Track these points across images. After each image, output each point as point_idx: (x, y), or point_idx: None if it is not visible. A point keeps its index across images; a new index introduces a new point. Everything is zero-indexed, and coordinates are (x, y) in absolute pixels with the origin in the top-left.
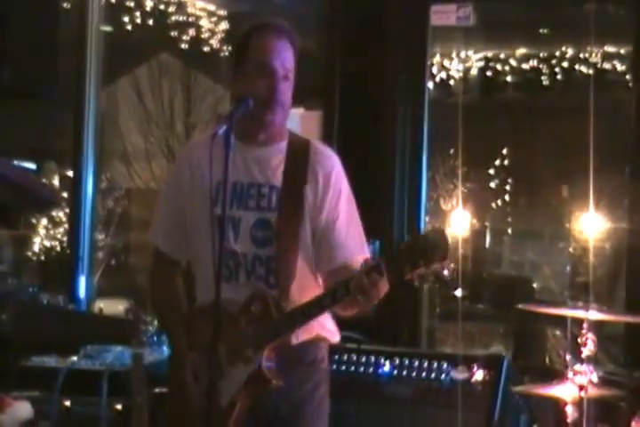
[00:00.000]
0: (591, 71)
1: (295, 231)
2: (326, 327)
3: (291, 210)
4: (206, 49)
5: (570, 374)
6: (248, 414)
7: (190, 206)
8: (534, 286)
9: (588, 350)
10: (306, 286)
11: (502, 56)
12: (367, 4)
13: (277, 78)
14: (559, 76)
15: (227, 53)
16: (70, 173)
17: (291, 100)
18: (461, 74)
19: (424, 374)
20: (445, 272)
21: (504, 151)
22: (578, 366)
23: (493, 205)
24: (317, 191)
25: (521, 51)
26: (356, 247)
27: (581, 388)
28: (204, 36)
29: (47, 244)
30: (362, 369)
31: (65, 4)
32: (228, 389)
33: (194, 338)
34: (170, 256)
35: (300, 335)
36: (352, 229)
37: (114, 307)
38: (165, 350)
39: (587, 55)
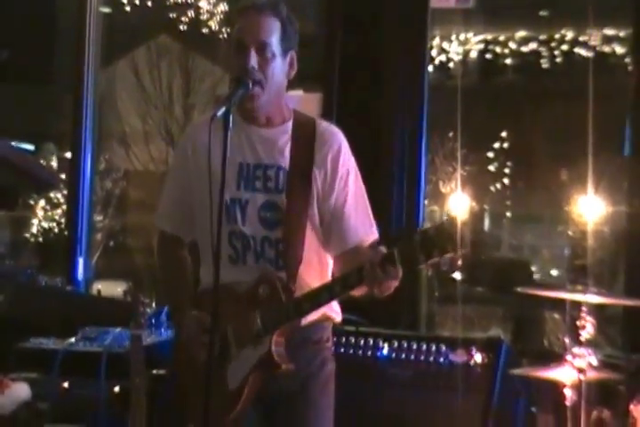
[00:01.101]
0: (591, 54)
1: (303, 213)
2: (332, 307)
3: (299, 192)
4: (205, 31)
5: (568, 358)
6: (255, 396)
7: (196, 189)
8: (533, 269)
9: (586, 334)
10: (314, 268)
11: (502, 39)
12: None
13: (247, 52)
14: (559, 59)
15: (225, 35)
16: (69, 155)
17: (279, 76)
18: (461, 56)
19: (423, 356)
20: (459, 262)
21: (503, 134)
22: (576, 350)
23: (492, 188)
24: (326, 173)
25: (520, 33)
26: (365, 228)
27: (580, 371)
28: (203, 17)
29: (45, 225)
30: (360, 352)
31: None
32: (237, 371)
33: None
34: (174, 235)
35: (309, 316)
36: (361, 210)
37: (112, 289)
38: (164, 332)
39: (586, 38)
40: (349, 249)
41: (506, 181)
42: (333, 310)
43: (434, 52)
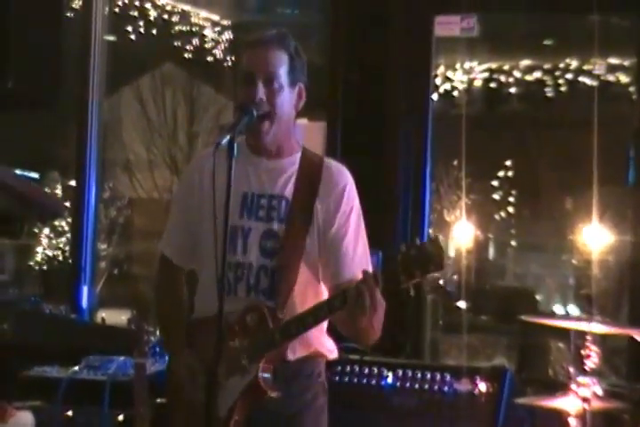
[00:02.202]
0: (595, 83)
1: (301, 243)
2: (324, 344)
3: (299, 222)
4: (210, 59)
5: (573, 387)
6: (246, 425)
7: (200, 216)
8: (537, 298)
9: (591, 363)
10: (308, 299)
11: (506, 67)
12: (371, 14)
13: (256, 84)
14: (563, 88)
15: (230, 63)
16: (73, 183)
17: (288, 108)
18: (465, 85)
19: (427, 385)
20: (442, 282)
21: (508, 163)
22: (581, 379)
23: (497, 216)
24: (329, 206)
25: (525, 62)
26: (361, 265)
27: (585, 400)
28: (208, 45)
29: (49, 253)
30: (365, 380)
31: (69, 14)
32: (225, 400)
33: (193, 350)
34: (175, 263)
35: (298, 351)
36: (359, 247)
37: (116, 317)
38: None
39: (590, 67)
40: (344, 282)
41: (510, 209)
42: (325, 347)
43: (438, 81)
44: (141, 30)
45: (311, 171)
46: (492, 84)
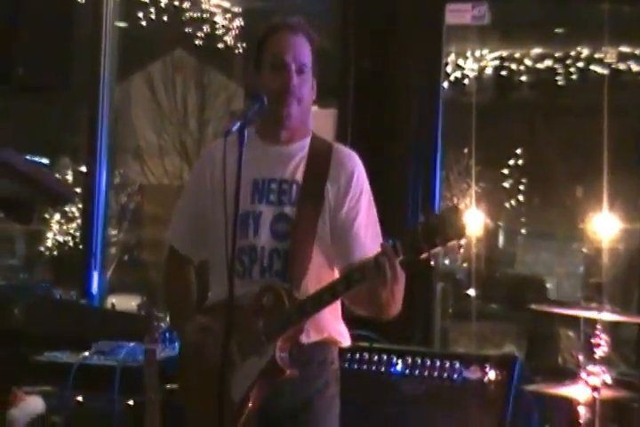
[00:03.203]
0: (606, 71)
1: (313, 226)
2: (338, 330)
3: (310, 205)
4: (220, 46)
5: (583, 375)
6: (259, 409)
7: (212, 204)
8: (547, 286)
9: (601, 351)
10: (319, 281)
11: (517, 55)
12: (382, 2)
13: (290, 71)
14: (574, 76)
15: (241, 50)
16: (84, 169)
17: (309, 97)
18: (476, 73)
19: (436, 373)
20: (461, 250)
21: (518, 151)
22: (591, 367)
23: (507, 204)
24: (339, 189)
25: (536, 50)
26: (373, 246)
27: (594, 389)
28: (219, 32)
29: (60, 239)
30: (374, 368)
31: (79, 0)
32: (241, 383)
33: (206, 334)
34: (183, 254)
35: (312, 335)
36: (371, 229)
37: (126, 303)
38: (177, 346)
39: (602, 55)
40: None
41: (520, 197)
42: (339, 333)
43: (449, 69)
44: (152, 17)
45: (321, 155)
46: (503, 72)
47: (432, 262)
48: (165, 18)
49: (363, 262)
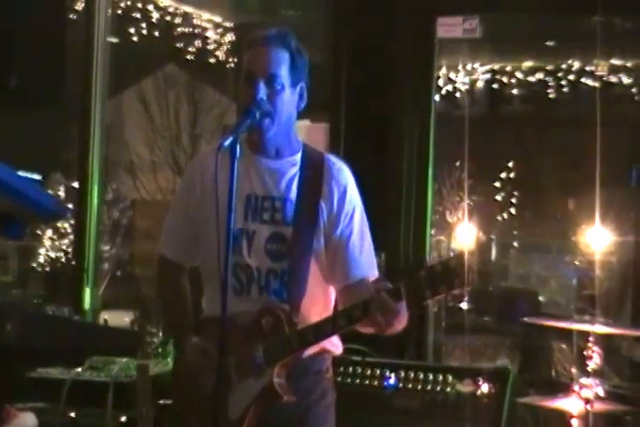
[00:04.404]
0: (597, 84)
1: (309, 246)
2: (331, 341)
3: (305, 224)
4: (212, 60)
5: (576, 388)
6: (258, 423)
7: (201, 218)
8: (540, 299)
9: (593, 364)
10: (318, 301)
11: (509, 69)
12: (373, 16)
13: (256, 84)
14: (565, 89)
15: (233, 65)
16: (76, 184)
17: (288, 108)
18: (468, 86)
19: (430, 386)
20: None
21: (510, 164)
22: (584, 380)
23: (499, 217)
24: (333, 206)
25: (527, 63)
26: (369, 263)
27: (587, 401)
28: (210, 47)
29: (52, 255)
30: (367, 382)
31: (72, 15)
32: (237, 402)
33: (202, 354)
34: (174, 261)
35: (308, 349)
36: (365, 246)
37: (119, 318)
38: (171, 361)
39: (593, 68)
40: (353, 283)
41: (513, 210)
42: (332, 343)
43: (441, 82)
44: (144, 32)
45: (313, 171)
46: (495, 86)
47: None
48: (157, 33)
49: (365, 300)
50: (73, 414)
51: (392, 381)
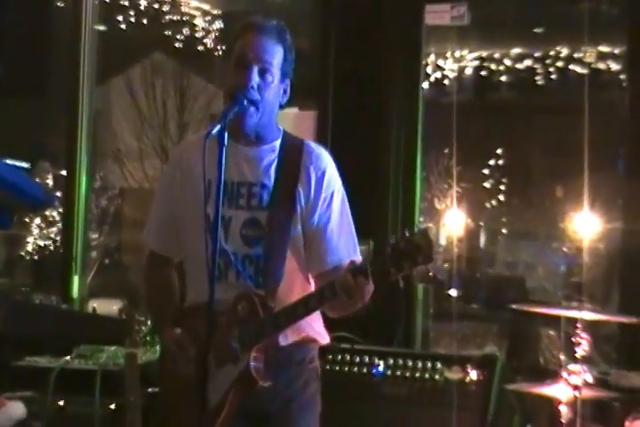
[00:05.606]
0: (586, 71)
1: (285, 231)
2: (315, 329)
3: (281, 209)
4: (200, 48)
5: (564, 374)
6: (237, 413)
7: (183, 206)
8: (528, 285)
9: (581, 350)
10: (294, 287)
11: (497, 56)
12: (362, 3)
13: (250, 70)
14: (554, 76)
15: (221, 53)
16: (64, 173)
17: (273, 98)
18: (456, 73)
19: (418, 374)
20: (431, 274)
21: (498, 151)
22: (572, 366)
23: (488, 204)
24: (310, 192)
25: (515, 50)
26: (347, 250)
27: (575, 388)
28: (199, 35)
29: (40, 243)
30: (356, 369)
31: (59, 3)
32: (216, 389)
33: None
34: (162, 255)
35: (289, 336)
36: (344, 231)
37: (107, 307)
38: (159, 349)
39: (581, 55)
40: (330, 269)
41: (501, 197)
42: (317, 332)
43: (429, 69)
44: (132, 20)
45: (291, 157)
46: (483, 73)
47: (401, 284)
48: (145, 21)
49: (333, 281)
50: (61, 403)
51: (380, 368)
